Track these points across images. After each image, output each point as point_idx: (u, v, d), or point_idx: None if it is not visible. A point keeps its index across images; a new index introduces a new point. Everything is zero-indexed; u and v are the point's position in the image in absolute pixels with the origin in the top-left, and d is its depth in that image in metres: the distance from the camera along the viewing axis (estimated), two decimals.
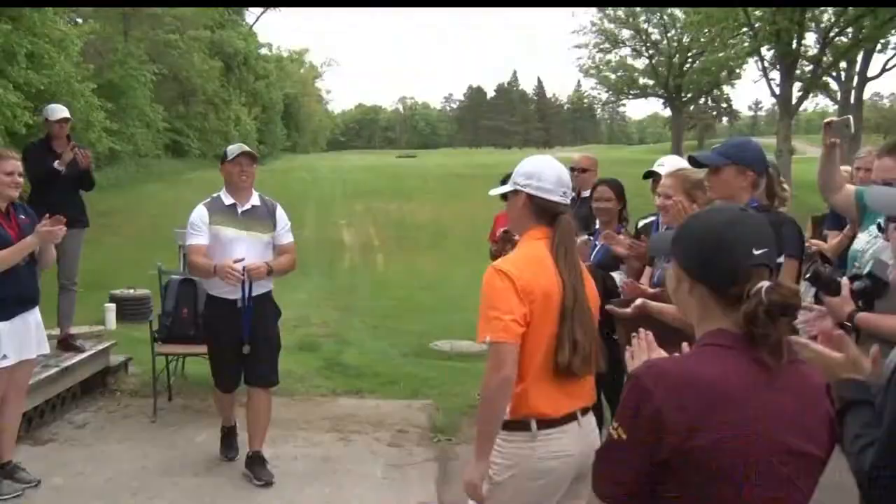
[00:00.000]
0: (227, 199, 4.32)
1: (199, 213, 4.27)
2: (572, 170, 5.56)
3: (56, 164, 5.69)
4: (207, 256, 4.18)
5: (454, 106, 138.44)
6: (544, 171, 2.41)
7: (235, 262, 4.02)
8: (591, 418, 2.42)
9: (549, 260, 2.35)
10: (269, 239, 4.31)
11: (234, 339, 4.24)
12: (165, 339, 5.79)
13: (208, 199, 4.35)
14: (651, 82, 44.50)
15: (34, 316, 4.05)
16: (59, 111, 5.93)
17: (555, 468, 2.29)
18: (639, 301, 3.13)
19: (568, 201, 2.46)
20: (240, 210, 4.29)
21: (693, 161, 3.06)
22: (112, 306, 10.48)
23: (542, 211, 2.41)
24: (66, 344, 6.00)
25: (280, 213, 4.40)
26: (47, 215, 4.03)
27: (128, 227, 21.85)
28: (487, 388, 2.25)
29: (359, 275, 18.97)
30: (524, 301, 2.27)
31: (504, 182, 2.52)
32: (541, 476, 2.28)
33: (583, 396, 2.41)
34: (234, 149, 4.35)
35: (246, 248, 4.16)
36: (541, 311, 2.29)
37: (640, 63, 44.26)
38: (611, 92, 46.93)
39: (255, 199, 4.36)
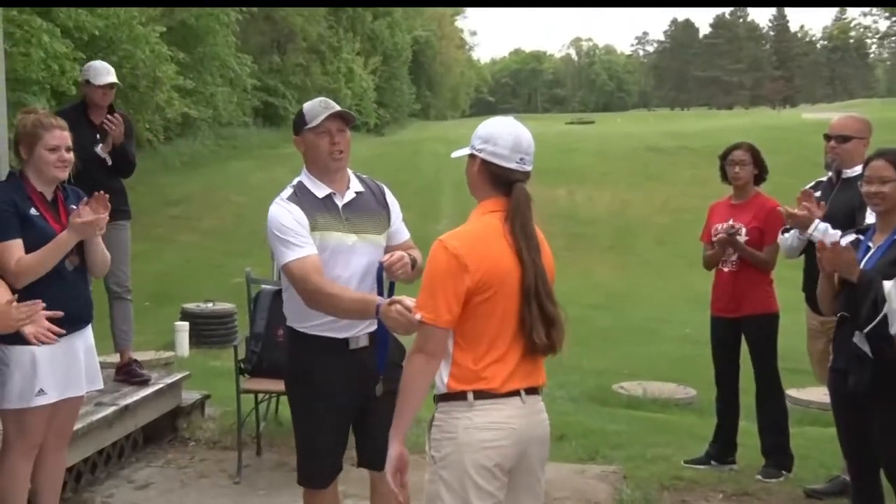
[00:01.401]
0: (319, 188, 3.77)
1: (294, 215, 3.69)
2: (828, 138, 5.24)
3: (99, 149, 6.05)
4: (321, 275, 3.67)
5: (650, 50, 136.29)
6: (501, 135, 2.99)
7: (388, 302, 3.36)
8: (537, 399, 3.01)
9: (501, 235, 2.91)
10: (384, 241, 3.85)
11: (343, 401, 3.75)
12: (254, 372, 5.93)
13: (290, 192, 3.79)
14: None
15: (85, 339, 4.11)
16: (105, 73, 6.15)
17: (496, 439, 2.87)
18: None
19: (527, 168, 3.03)
20: (340, 203, 3.78)
21: None
22: (184, 325, 11.10)
23: (497, 179, 2.97)
24: (126, 372, 6.21)
25: (392, 200, 3.97)
26: (85, 200, 4.04)
27: (206, 219, 23.26)
28: (408, 367, 2.89)
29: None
30: (467, 280, 2.83)
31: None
32: (482, 446, 2.86)
33: (533, 376, 2.99)
34: (313, 108, 3.74)
35: (360, 262, 3.73)
36: (492, 289, 2.85)
37: None
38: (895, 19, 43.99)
39: (355, 184, 3.85)
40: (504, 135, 2.99)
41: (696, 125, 46.01)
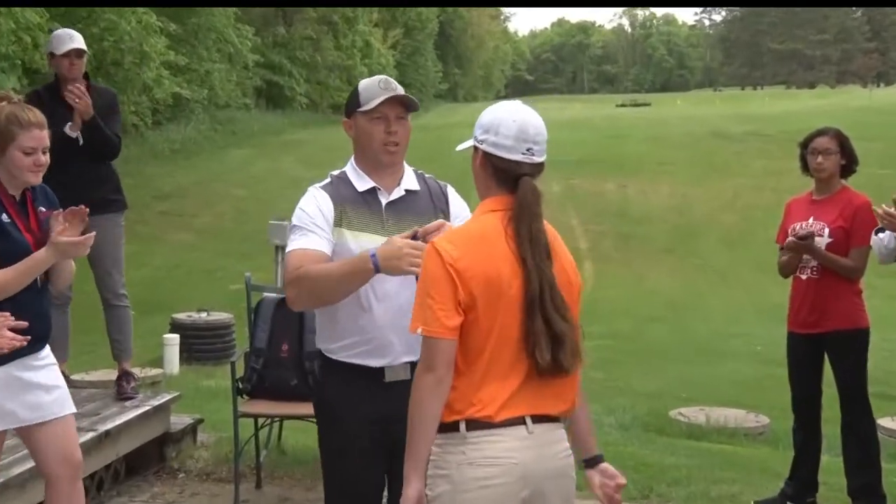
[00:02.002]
0: (361, 181, 3.77)
1: (318, 203, 3.72)
2: None
3: (67, 128, 6.08)
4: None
5: (717, 20, 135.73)
6: (503, 122, 2.97)
7: (408, 236, 3.37)
8: (552, 428, 2.97)
9: (502, 237, 2.90)
10: None
11: (375, 440, 3.72)
12: (254, 393, 5.95)
13: (328, 181, 3.81)
14: None
15: (42, 360, 4.16)
16: (67, 40, 6.16)
17: (493, 476, 2.86)
18: None
19: (537, 159, 2.99)
20: (384, 201, 3.77)
21: None
22: (174, 338, 11.15)
23: (501, 173, 2.96)
24: (118, 386, 6.29)
25: (455, 201, 3.92)
26: (59, 211, 4.04)
27: (200, 216, 23.40)
28: (416, 389, 2.91)
29: None
30: (461, 287, 2.85)
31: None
32: (479, 485, 2.86)
33: (546, 401, 2.95)
34: (370, 88, 3.74)
35: (399, 277, 3.59)
36: (487, 299, 2.86)
37: None
38: None
39: (409, 180, 3.82)
40: (507, 122, 2.97)
41: (771, 107, 45.81)
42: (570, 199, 26.09)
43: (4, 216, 3.94)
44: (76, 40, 6.12)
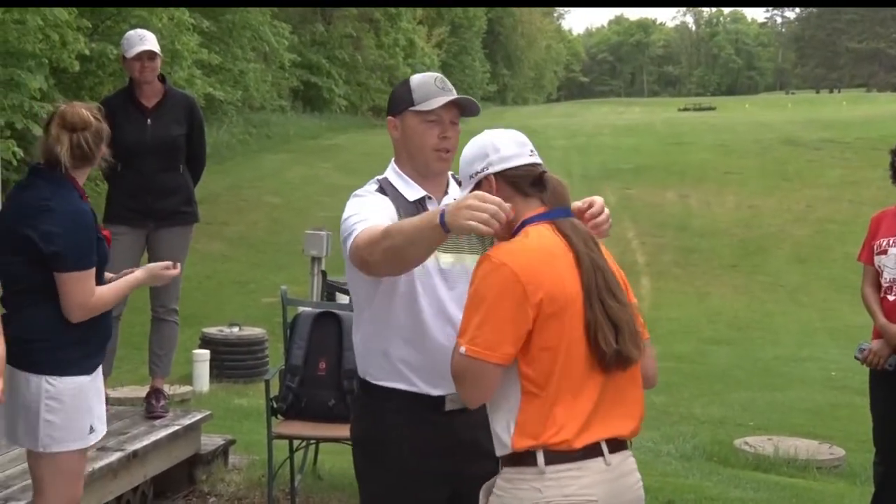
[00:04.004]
0: (410, 189, 3.62)
1: (380, 203, 3.55)
2: None
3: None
4: None
5: (790, 17, 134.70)
6: (495, 141, 3.12)
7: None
8: (626, 456, 2.98)
9: (558, 245, 2.98)
10: None
11: (428, 480, 3.53)
12: (289, 413, 5.99)
13: (375, 186, 3.67)
14: None
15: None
16: (136, 41, 6.27)
17: None
18: None
19: (538, 159, 3.14)
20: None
21: None
22: (204, 354, 11.25)
23: (523, 182, 3.07)
24: (148, 403, 6.41)
25: None
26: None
27: (232, 225, 23.57)
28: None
29: None
30: (529, 304, 2.85)
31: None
32: None
33: (617, 421, 2.96)
34: (426, 85, 3.58)
35: (455, 290, 3.53)
36: (554, 313, 2.88)
37: None
38: None
39: (455, 189, 3.70)
40: (498, 139, 3.13)
41: (849, 112, 45.35)
42: (626, 210, 25.99)
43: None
44: (147, 41, 6.21)
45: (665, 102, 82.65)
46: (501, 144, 3.09)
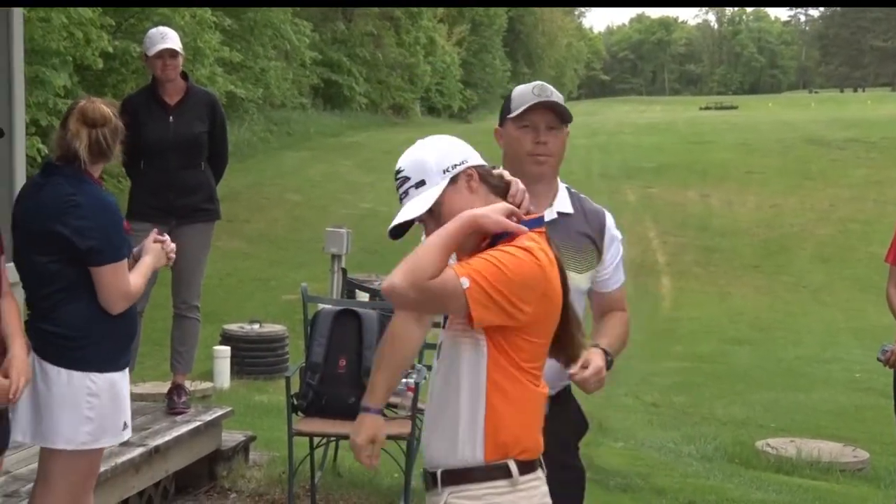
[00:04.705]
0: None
1: None
2: None
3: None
4: None
5: (814, 15, 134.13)
6: (453, 140, 2.94)
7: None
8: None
9: (548, 250, 2.86)
10: (585, 284, 3.76)
11: None
12: (310, 410, 6.01)
13: None
14: None
15: None
16: (158, 39, 6.28)
17: None
18: None
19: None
20: None
21: None
22: (225, 351, 11.28)
23: (492, 178, 2.92)
24: (169, 399, 6.45)
25: (612, 233, 3.82)
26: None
27: (253, 222, 23.63)
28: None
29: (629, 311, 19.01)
30: (545, 292, 2.76)
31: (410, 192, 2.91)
32: None
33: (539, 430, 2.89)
34: (523, 93, 3.67)
35: None
36: (548, 306, 2.78)
37: None
38: None
39: (562, 202, 3.75)
40: (452, 141, 2.95)
41: (874, 111, 45.12)
42: (647, 210, 25.95)
43: None
44: (168, 39, 6.23)
45: (686, 101, 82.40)
46: (460, 143, 2.95)
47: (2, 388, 3.67)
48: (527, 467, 2.79)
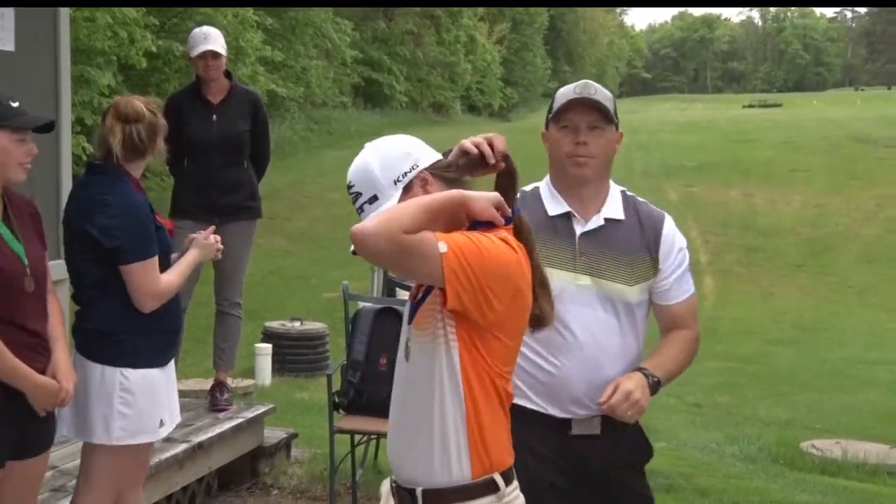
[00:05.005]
0: (554, 203, 3.49)
1: None
2: None
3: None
4: None
5: (860, 11, 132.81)
6: (402, 139, 2.79)
7: None
8: None
9: (518, 248, 2.66)
10: (636, 297, 3.47)
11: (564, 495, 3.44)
12: (351, 408, 6.03)
13: (517, 197, 3.26)
14: None
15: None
16: (200, 39, 6.33)
17: None
18: None
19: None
20: (579, 230, 3.45)
21: None
22: (266, 348, 11.35)
23: (451, 173, 2.72)
24: (212, 396, 6.53)
25: (671, 241, 3.53)
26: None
27: (294, 220, 23.77)
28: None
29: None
30: (522, 285, 2.59)
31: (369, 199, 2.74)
32: None
33: None
34: (565, 93, 3.49)
35: (591, 317, 3.39)
36: (520, 302, 2.61)
37: None
38: None
39: (613, 207, 3.52)
40: (402, 137, 2.83)
41: None
42: (688, 209, 25.79)
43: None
44: (210, 40, 6.30)
45: (729, 99, 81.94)
46: (410, 140, 2.80)
47: (52, 391, 3.74)
48: (508, 477, 2.67)
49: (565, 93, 3.44)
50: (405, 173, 2.69)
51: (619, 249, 3.41)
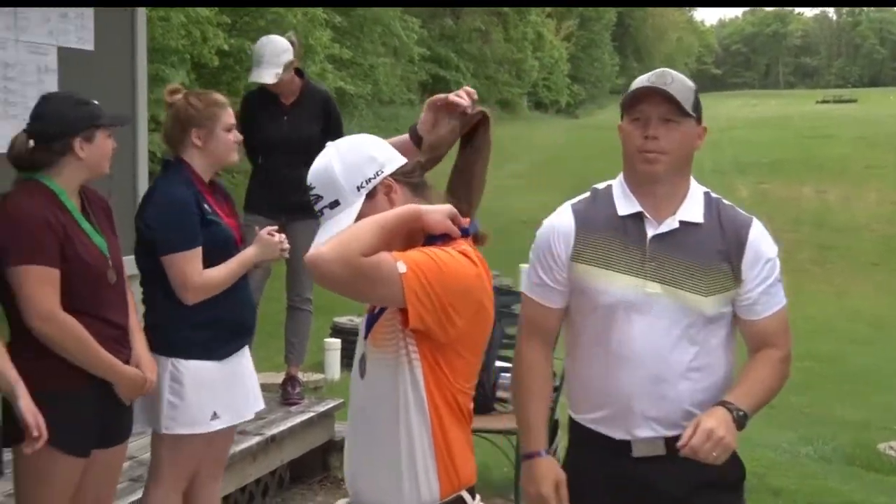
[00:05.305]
0: (626, 203, 3.22)
1: (554, 229, 3.26)
2: None
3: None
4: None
5: None
6: (367, 141, 2.71)
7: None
8: None
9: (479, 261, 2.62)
10: (714, 310, 3.16)
11: None
12: None
13: (587, 195, 3.33)
14: None
15: (247, 355, 4.43)
16: (255, 63, 6.30)
17: None
18: None
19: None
20: (651, 233, 3.18)
21: None
22: (335, 343, 11.43)
23: (416, 178, 2.71)
24: (284, 390, 6.71)
25: (754, 245, 3.22)
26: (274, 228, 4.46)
27: None
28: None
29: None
30: (483, 303, 2.55)
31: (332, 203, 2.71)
32: None
33: None
34: (638, 82, 3.25)
35: (659, 328, 3.13)
36: (483, 317, 2.58)
37: None
38: None
39: (691, 208, 3.22)
40: (366, 139, 2.78)
41: None
42: (760, 206, 25.49)
43: (206, 206, 4.17)
44: (263, 68, 6.34)
45: (802, 95, 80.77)
46: (375, 143, 2.73)
47: (139, 381, 3.83)
48: (473, 491, 2.64)
49: (639, 81, 3.20)
50: (369, 179, 2.63)
51: (694, 256, 3.13)
